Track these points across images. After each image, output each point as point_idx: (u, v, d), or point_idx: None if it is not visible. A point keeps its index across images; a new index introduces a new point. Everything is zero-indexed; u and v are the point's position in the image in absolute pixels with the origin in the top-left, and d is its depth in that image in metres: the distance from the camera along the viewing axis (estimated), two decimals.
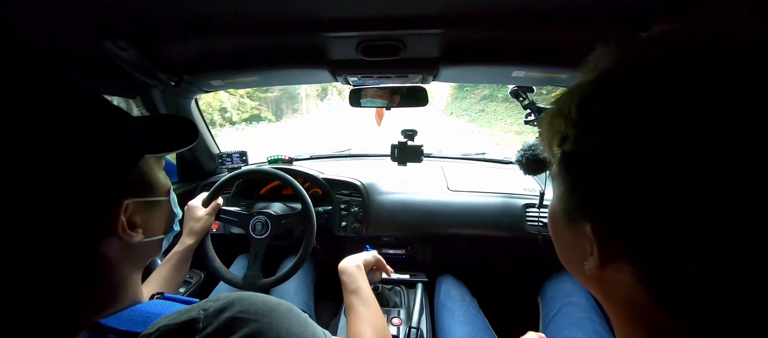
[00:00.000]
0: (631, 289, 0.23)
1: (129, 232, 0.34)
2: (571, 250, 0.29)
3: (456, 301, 0.99)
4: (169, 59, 0.77)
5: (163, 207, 0.42)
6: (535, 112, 0.98)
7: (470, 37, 0.67)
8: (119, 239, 0.33)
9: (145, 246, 0.39)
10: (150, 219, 0.39)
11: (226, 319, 0.29)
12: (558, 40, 0.67)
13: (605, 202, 0.22)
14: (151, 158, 0.39)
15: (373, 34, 0.64)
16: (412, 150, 1.25)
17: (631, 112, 0.20)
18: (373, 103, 1.08)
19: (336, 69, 0.81)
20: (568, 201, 0.26)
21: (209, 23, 0.61)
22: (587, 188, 0.23)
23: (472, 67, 0.77)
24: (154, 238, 0.41)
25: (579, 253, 0.26)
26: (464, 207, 1.12)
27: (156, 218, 0.41)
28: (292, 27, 0.62)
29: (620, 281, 0.23)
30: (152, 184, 0.39)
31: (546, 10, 0.56)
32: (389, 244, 1.25)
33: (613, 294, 0.25)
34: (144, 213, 0.38)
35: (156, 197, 0.40)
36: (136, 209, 0.36)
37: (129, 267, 0.37)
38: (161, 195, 0.41)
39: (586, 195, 0.24)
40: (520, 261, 1.24)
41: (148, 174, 0.38)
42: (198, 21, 0.60)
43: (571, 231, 0.27)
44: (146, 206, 0.38)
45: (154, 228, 0.40)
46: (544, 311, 1.00)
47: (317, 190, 1.24)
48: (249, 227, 0.97)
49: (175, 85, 0.84)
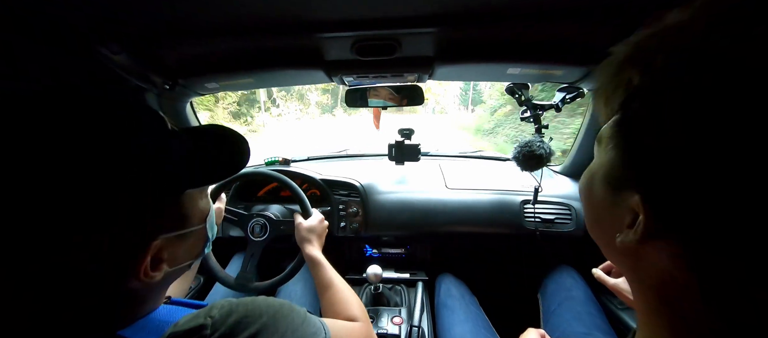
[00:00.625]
0: (665, 270, 0.21)
1: (151, 274, 0.31)
2: (605, 221, 0.27)
3: (456, 299, 0.99)
4: (163, 62, 0.77)
5: (196, 235, 0.38)
6: (531, 109, 0.98)
7: (465, 36, 0.67)
8: (140, 281, 0.31)
9: (168, 274, 0.36)
10: (179, 251, 0.36)
11: (232, 323, 0.31)
12: (552, 36, 0.67)
13: (670, 175, 0.19)
14: (194, 191, 0.35)
15: (367, 33, 0.64)
16: (410, 149, 1.25)
17: (746, 73, 0.16)
18: (369, 102, 1.08)
19: (331, 69, 0.80)
20: (615, 168, 0.24)
21: (203, 26, 0.60)
22: (650, 155, 0.20)
23: (467, 65, 0.78)
24: (181, 266, 0.38)
25: (614, 224, 0.24)
26: (462, 205, 1.13)
27: (186, 248, 0.38)
28: (286, 28, 0.62)
29: (656, 259, 0.22)
30: (188, 216, 0.36)
31: (539, 8, 0.56)
32: (389, 243, 1.25)
33: (645, 272, 0.24)
34: (173, 246, 0.34)
35: (190, 228, 0.36)
36: (164, 245, 0.33)
37: (152, 294, 0.35)
38: (196, 225, 0.37)
39: (645, 163, 0.21)
40: (519, 257, 1.25)
41: (185, 206, 0.35)
42: (192, 24, 0.59)
43: (610, 201, 0.25)
44: (176, 239, 0.35)
45: (182, 257, 0.37)
46: (544, 306, 1.01)
47: (315, 191, 1.24)
48: (247, 229, 0.97)
49: (169, 89, 0.84)
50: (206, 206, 0.40)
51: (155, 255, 0.32)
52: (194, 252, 0.40)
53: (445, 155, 1.52)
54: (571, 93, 0.93)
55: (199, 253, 0.42)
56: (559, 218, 1.06)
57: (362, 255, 1.29)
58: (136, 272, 0.30)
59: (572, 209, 1.06)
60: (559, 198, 1.09)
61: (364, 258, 1.29)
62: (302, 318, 0.35)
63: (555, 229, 1.05)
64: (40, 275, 0.26)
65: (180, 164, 0.32)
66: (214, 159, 0.38)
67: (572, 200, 1.08)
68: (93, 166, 0.26)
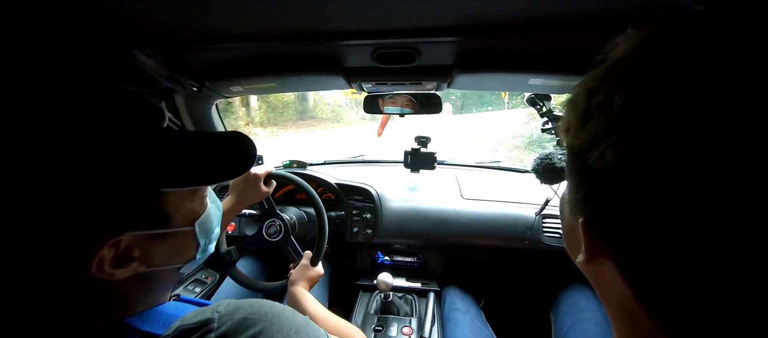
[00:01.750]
0: (617, 286, 0.23)
1: (108, 271, 0.30)
2: (570, 239, 0.29)
3: (461, 313, 0.97)
4: (191, 66, 0.81)
5: (180, 237, 0.37)
6: (553, 120, 0.95)
7: (485, 45, 0.67)
8: (96, 276, 0.30)
9: (154, 274, 0.35)
10: (157, 250, 0.35)
11: (238, 319, 0.31)
12: (575, 47, 0.66)
13: (598, 197, 0.21)
14: (174, 191, 0.34)
15: (387, 42, 0.64)
16: (425, 157, 1.24)
17: (636, 101, 0.18)
18: (387, 109, 1.09)
19: (350, 76, 0.82)
20: (572, 192, 0.26)
21: (229, 33, 0.63)
22: (583, 181, 0.23)
23: (487, 74, 0.77)
24: (164, 267, 0.36)
25: (575, 244, 0.26)
26: (478, 217, 1.10)
27: (167, 249, 0.36)
28: (307, 36, 0.64)
29: (608, 277, 0.23)
30: (168, 216, 0.35)
31: (562, 20, 0.55)
32: (401, 252, 1.23)
33: (606, 292, 0.26)
34: (147, 245, 0.33)
35: (168, 229, 0.35)
36: (133, 242, 0.32)
37: (138, 288, 0.35)
38: (178, 226, 0.36)
39: (581, 189, 0.23)
40: (533, 273, 1.20)
41: (164, 204, 0.34)
42: (219, 30, 0.62)
43: (572, 222, 0.27)
44: (153, 237, 0.34)
45: (163, 258, 0.36)
46: (556, 326, 0.97)
47: (330, 195, 1.25)
48: (263, 229, 0.99)
49: (196, 91, 0.87)
50: (197, 209, 0.38)
51: (123, 251, 0.31)
52: (181, 256, 0.38)
53: (461, 164, 1.50)
54: None
55: (189, 259, 0.40)
56: None
57: (374, 261, 1.28)
58: (89, 265, 0.29)
59: None
60: None
61: (375, 265, 1.28)
62: (304, 323, 0.35)
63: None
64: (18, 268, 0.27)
65: (159, 161, 0.32)
66: (212, 162, 0.37)
67: None
68: (50, 152, 0.27)
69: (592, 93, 0.21)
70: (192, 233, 0.38)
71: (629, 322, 0.24)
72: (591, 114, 0.21)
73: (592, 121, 0.21)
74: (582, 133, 0.22)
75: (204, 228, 0.40)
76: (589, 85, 0.22)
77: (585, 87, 0.23)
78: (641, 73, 0.19)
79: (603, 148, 0.19)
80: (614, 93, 0.19)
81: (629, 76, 0.20)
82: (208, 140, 0.40)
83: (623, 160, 0.18)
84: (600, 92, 0.21)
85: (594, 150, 0.20)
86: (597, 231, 0.22)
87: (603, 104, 0.20)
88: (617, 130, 0.19)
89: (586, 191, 0.23)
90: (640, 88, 0.19)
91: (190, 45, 0.68)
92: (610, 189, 0.20)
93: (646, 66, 0.19)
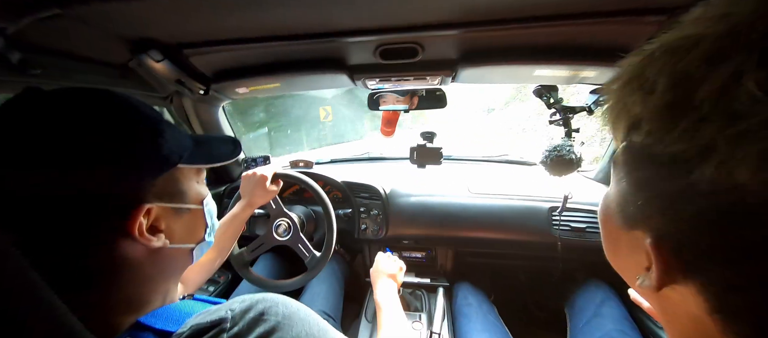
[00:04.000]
0: (690, 313, 0.19)
1: (147, 236, 0.34)
2: (623, 257, 0.24)
3: (473, 308, 0.97)
4: (198, 69, 0.82)
5: (193, 215, 0.41)
6: (560, 112, 0.94)
7: (489, 38, 0.66)
8: (135, 241, 0.34)
9: (171, 254, 0.39)
10: (176, 226, 0.39)
11: (251, 319, 0.31)
12: (583, 36, 0.64)
13: (679, 218, 0.17)
14: (186, 168, 0.39)
15: (390, 37, 0.64)
16: (431, 152, 1.24)
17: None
18: (392, 106, 1.08)
19: (354, 73, 0.82)
20: (628, 202, 0.21)
21: (236, 35, 0.64)
22: (666, 194, 0.17)
23: (492, 67, 0.76)
24: (181, 246, 0.40)
25: (632, 263, 0.22)
26: (486, 210, 1.10)
27: (184, 226, 0.40)
28: (311, 35, 0.64)
29: (679, 302, 0.19)
30: (183, 192, 0.39)
31: (567, 9, 0.54)
32: (409, 247, 1.24)
33: (671, 313, 0.21)
34: (170, 219, 0.38)
35: (184, 204, 0.39)
36: (161, 214, 0.36)
37: (155, 272, 0.37)
38: (191, 204, 0.41)
39: (658, 203, 0.18)
40: (545, 267, 1.19)
41: (179, 181, 0.39)
42: (226, 33, 0.63)
43: (626, 237, 0.22)
44: (173, 212, 0.38)
45: (181, 235, 0.40)
46: (571, 322, 0.95)
47: (337, 193, 1.26)
48: (272, 228, 1.00)
49: (204, 93, 0.89)
50: (203, 191, 0.43)
51: (152, 222, 0.35)
52: (194, 236, 0.43)
53: (468, 159, 1.49)
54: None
55: (200, 239, 0.44)
56: (591, 227, 1.00)
57: None
58: (131, 229, 0.33)
59: None
60: (591, 205, 1.03)
61: None
62: (319, 326, 0.35)
63: (586, 239, 1.00)
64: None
65: (171, 143, 0.36)
66: (208, 148, 0.43)
67: None
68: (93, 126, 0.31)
69: (690, 79, 0.15)
70: (202, 212, 0.43)
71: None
72: (692, 109, 0.15)
73: (700, 121, 0.15)
74: (674, 135, 0.16)
75: (209, 211, 0.45)
76: (685, 68, 0.16)
77: (672, 67, 0.16)
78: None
79: (724, 159, 0.14)
80: (747, 79, 0.13)
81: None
82: (201, 137, 0.46)
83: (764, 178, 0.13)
84: (708, 79, 0.15)
85: (706, 162, 0.15)
86: (675, 253, 0.18)
87: (723, 97, 0.14)
88: (760, 139, 0.13)
89: (669, 206, 0.18)
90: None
91: (197, 48, 0.69)
92: (722, 208, 0.15)
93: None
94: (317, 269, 0.94)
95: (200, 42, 0.67)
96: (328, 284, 1.09)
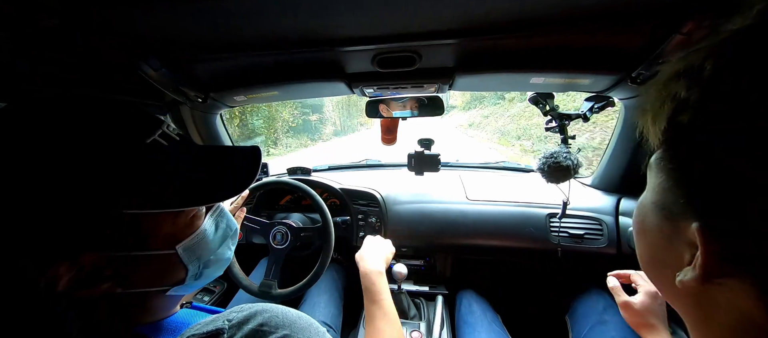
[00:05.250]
0: (740, 312, 0.18)
1: (68, 290, 0.28)
2: (661, 257, 0.23)
3: (478, 317, 0.95)
4: (196, 77, 0.82)
5: (162, 260, 0.34)
6: (556, 119, 0.95)
7: (486, 46, 0.67)
8: (68, 296, 0.28)
9: (142, 295, 0.33)
10: (135, 272, 0.32)
11: (249, 331, 0.30)
12: (578, 44, 0.65)
13: (732, 199, 0.16)
14: (141, 213, 0.31)
15: (388, 46, 0.65)
16: (429, 159, 1.24)
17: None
18: (389, 114, 1.09)
19: (352, 81, 0.82)
20: (669, 194, 0.21)
21: (233, 43, 0.64)
22: (709, 178, 0.17)
23: (489, 74, 0.77)
24: (146, 290, 0.34)
25: (671, 261, 0.21)
26: (484, 217, 1.10)
27: (147, 271, 0.33)
28: (309, 44, 0.64)
29: (726, 300, 0.18)
30: (142, 236, 0.32)
31: (564, 18, 0.55)
32: (408, 255, 1.23)
33: (715, 315, 0.20)
34: (125, 266, 0.31)
35: (142, 252, 0.32)
36: (103, 263, 0.30)
37: (134, 303, 0.33)
38: (158, 249, 0.33)
39: (704, 188, 0.18)
40: (545, 275, 1.19)
41: (137, 223, 0.31)
42: (224, 41, 0.63)
43: (665, 233, 0.22)
44: (130, 259, 0.31)
45: (146, 280, 0.34)
46: (573, 331, 0.94)
47: (335, 201, 1.25)
48: (269, 237, 1.00)
49: (201, 102, 0.89)
50: (181, 232, 0.35)
51: (91, 271, 0.29)
52: (167, 280, 0.35)
53: (466, 165, 1.49)
54: (600, 102, 0.89)
55: (178, 282, 0.36)
56: (589, 234, 1.00)
57: None
58: (56, 284, 0.27)
59: (603, 224, 1.00)
60: (589, 211, 1.03)
61: None
62: (318, 335, 0.34)
63: (585, 245, 0.99)
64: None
65: (132, 180, 0.30)
66: (200, 181, 0.35)
67: (603, 214, 1.02)
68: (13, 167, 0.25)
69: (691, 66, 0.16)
70: (174, 256, 0.35)
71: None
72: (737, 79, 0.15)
73: (735, 89, 0.15)
74: (714, 106, 0.16)
75: (192, 253, 0.36)
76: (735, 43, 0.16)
77: (715, 48, 0.17)
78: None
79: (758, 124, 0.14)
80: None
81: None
82: (213, 156, 0.38)
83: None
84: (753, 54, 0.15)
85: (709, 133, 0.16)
86: (723, 242, 0.17)
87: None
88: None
89: (710, 186, 0.17)
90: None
91: (195, 56, 0.69)
92: (740, 183, 0.15)
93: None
94: (312, 280, 0.93)
95: (198, 50, 0.67)
96: (329, 294, 1.08)
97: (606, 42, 0.64)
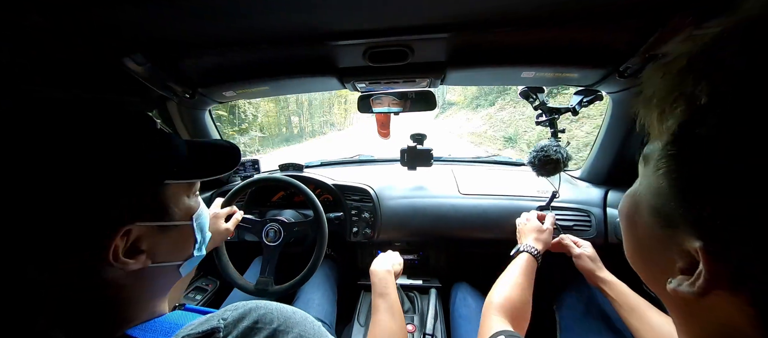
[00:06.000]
0: (730, 324, 0.18)
1: (123, 260, 0.32)
2: (651, 257, 0.23)
3: (473, 310, 0.97)
4: (183, 73, 0.80)
5: (180, 232, 0.39)
6: (546, 113, 0.96)
7: (477, 40, 0.67)
8: (112, 266, 0.32)
9: (155, 272, 0.37)
10: (161, 244, 0.37)
11: (245, 328, 0.30)
12: (567, 39, 0.66)
13: (744, 221, 0.15)
14: (174, 183, 0.37)
15: (379, 40, 0.64)
16: (422, 154, 1.24)
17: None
18: (381, 108, 1.09)
19: (344, 76, 0.82)
20: (667, 200, 0.19)
21: (222, 38, 0.63)
22: (719, 195, 0.16)
23: (480, 69, 0.77)
24: (166, 264, 0.38)
25: (661, 262, 0.21)
26: (476, 211, 1.11)
27: (169, 243, 0.38)
28: (299, 38, 0.64)
29: (718, 311, 0.18)
30: (169, 209, 0.37)
31: (553, 13, 0.55)
32: (401, 249, 1.24)
33: (702, 321, 0.20)
34: (153, 237, 0.35)
35: (170, 222, 0.37)
36: (142, 234, 0.34)
37: (138, 291, 0.36)
38: (179, 220, 0.38)
39: (710, 204, 0.17)
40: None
41: (166, 198, 0.36)
42: (211, 36, 0.62)
43: (658, 237, 0.21)
44: (157, 230, 0.36)
45: (165, 253, 0.38)
46: (561, 321, 0.97)
47: (328, 197, 1.25)
48: (262, 234, 0.99)
49: (189, 97, 0.87)
50: (193, 205, 0.41)
51: (133, 243, 0.33)
52: (181, 252, 0.41)
53: (458, 160, 1.51)
54: (589, 96, 0.91)
55: (188, 255, 0.41)
56: (577, 225, 1.02)
57: None
58: (105, 256, 0.31)
59: (591, 215, 1.03)
60: (577, 203, 1.06)
61: None
62: (314, 329, 0.35)
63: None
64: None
65: (160, 157, 0.35)
66: (202, 160, 0.41)
67: (591, 206, 1.04)
68: (61, 156, 0.29)
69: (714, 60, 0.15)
70: (190, 228, 0.41)
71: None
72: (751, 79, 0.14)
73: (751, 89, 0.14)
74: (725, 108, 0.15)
75: (200, 224, 0.42)
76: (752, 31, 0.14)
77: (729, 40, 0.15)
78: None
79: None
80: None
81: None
82: (198, 143, 0.44)
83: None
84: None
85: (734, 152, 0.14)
86: (723, 258, 0.17)
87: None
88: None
89: (707, 206, 0.16)
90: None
91: (182, 52, 0.68)
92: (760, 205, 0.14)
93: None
94: (307, 275, 0.93)
95: (186, 45, 0.65)
96: (322, 290, 1.08)
97: (594, 37, 0.65)
